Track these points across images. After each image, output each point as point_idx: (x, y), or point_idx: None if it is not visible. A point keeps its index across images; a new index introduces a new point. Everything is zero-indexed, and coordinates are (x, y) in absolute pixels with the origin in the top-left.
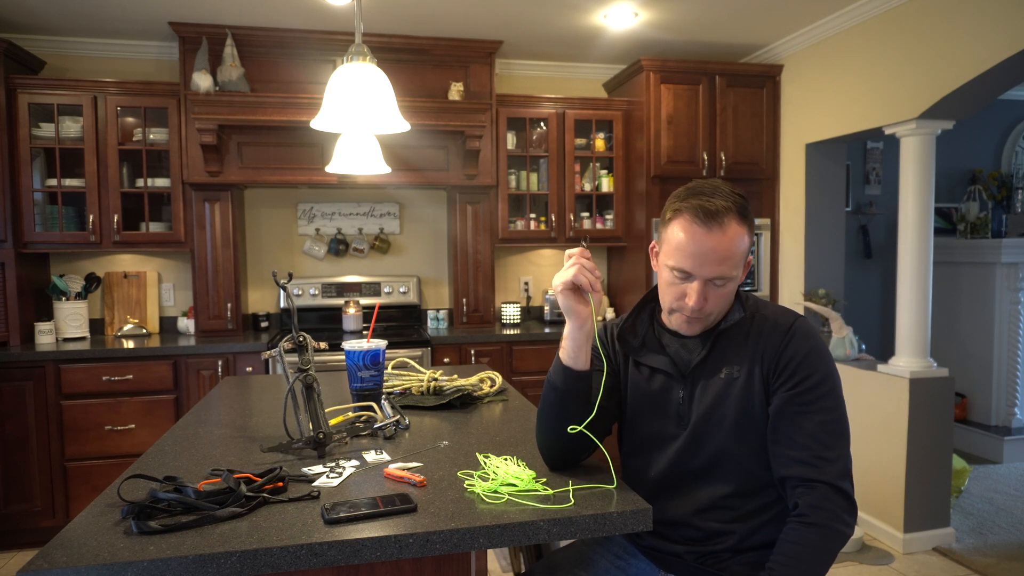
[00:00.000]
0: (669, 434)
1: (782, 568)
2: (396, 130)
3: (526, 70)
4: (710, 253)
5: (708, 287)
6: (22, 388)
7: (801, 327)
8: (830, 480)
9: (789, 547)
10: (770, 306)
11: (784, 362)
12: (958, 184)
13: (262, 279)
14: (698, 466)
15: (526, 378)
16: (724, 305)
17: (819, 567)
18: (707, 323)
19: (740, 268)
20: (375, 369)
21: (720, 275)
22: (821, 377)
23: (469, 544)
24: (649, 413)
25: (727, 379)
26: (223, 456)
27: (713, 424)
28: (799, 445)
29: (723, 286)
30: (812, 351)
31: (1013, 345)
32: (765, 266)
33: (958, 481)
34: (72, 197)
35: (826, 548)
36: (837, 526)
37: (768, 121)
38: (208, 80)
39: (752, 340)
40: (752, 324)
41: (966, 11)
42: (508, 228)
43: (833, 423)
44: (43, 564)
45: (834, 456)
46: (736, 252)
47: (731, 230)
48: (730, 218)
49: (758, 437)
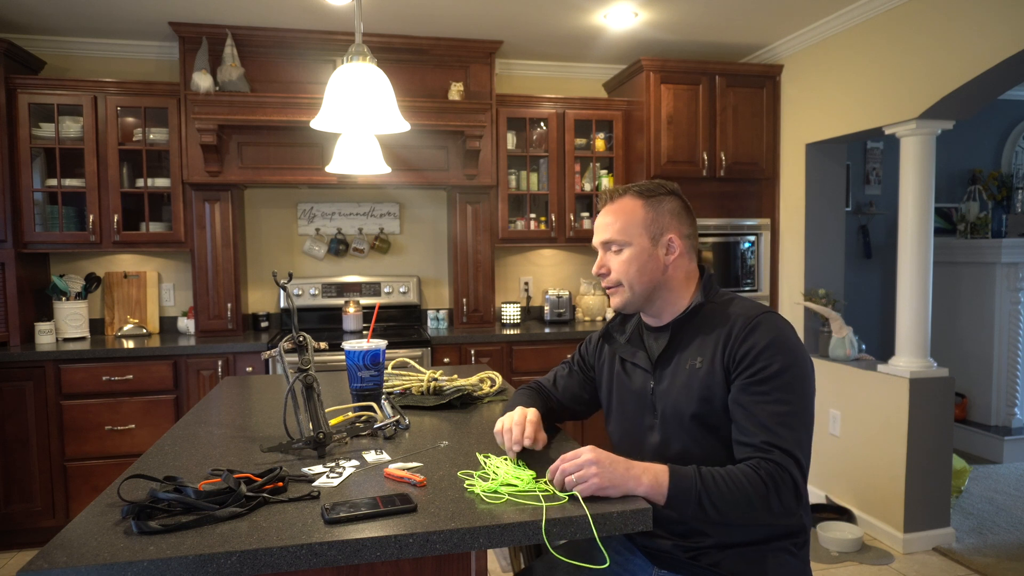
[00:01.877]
0: (646, 425)
1: (711, 476)
2: (396, 130)
3: (526, 70)
4: (599, 221)
5: (606, 255)
6: (22, 388)
7: (767, 319)
8: (779, 461)
9: (726, 470)
10: (744, 302)
11: (744, 351)
12: (958, 184)
13: (262, 279)
14: (672, 457)
15: (526, 378)
16: (634, 275)
17: (736, 502)
18: (627, 297)
19: (632, 235)
20: (375, 369)
21: (608, 238)
22: (780, 367)
23: (469, 544)
24: (632, 408)
25: (691, 370)
26: (223, 456)
27: (679, 415)
28: (751, 433)
29: (619, 252)
30: (774, 342)
31: (1013, 345)
32: (765, 266)
33: (958, 481)
34: (72, 197)
35: (751, 496)
36: (772, 494)
37: (768, 121)
38: (208, 80)
39: (716, 331)
40: (716, 316)
41: (966, 11)
42: (508, 228)
43: (788, 415)
44: (43, 564)
45: (786, 445)
46: (622, 217)
47: (620, 202)
48: (621, 196)
49: (722, 429)
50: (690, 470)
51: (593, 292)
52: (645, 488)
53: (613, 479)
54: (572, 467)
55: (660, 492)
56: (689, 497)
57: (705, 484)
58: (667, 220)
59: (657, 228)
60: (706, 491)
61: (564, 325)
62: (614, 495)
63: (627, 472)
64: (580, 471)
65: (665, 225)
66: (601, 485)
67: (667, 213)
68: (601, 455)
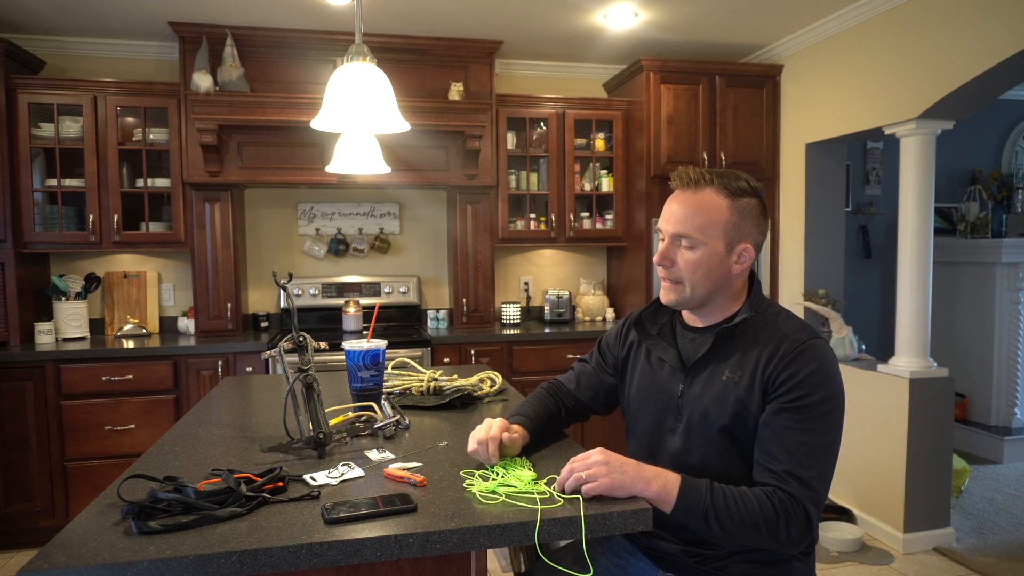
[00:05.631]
0: (667, 427)
1: (722, 493)
2: (396, 130)
3: (526, 70)
4: (677, 210)
5: (674, 247)
6: (22, 388)
7: (815, 345)
8: (795, 494)
9: (740, 491)
10: (792, 319)
11: (786, 376)
12: (958, 184)
13: (262, 279)
14: (692, 466)
15: (526, 378)
16: (699, 278)
17: (743, 525)
18: (684, 296)
19: (710, 236)
20: (375, 369)
21: (682, 232)
22: (820, 399)
23: (469, 544)
24: (654, 403)
25: (727, 382)
26: (223, 456)
27: (706, 425)
28: (775, 458)
29: (691, 249)
30: (818, 371)
31: (1013, 345)
32: (765, 266)
33: (958, 481)
34: (72, 197)
35: (760, 522)
36: (782, 524)
37: (768, 121)
38: (208, 80)
39: (760, 347)
40: (763, 331)
41: (966, 11)
42: (508, 228)
43: (816, 447)
44: (43, 564)
45: (808, 476)
46: (702, 212)
47: (703, 194)
48: (706, 186)
49: (749, 447)
50: (702, 483)
51: (593, 292)
52: (653, 493)
53: (623, 481)
54: (582, 466)
55: (668, 500)
56: (696, 511)
57: (715, 501)
58: (748, 227)
59: (736, 235)
60: (714, 508)
61: (564, 325)
62: (622, 496)
63: (637, 475)
64: (590, 471)
65: (745, 232)
66: (611, 485)
67: (749, 219)
68: (611, 456)
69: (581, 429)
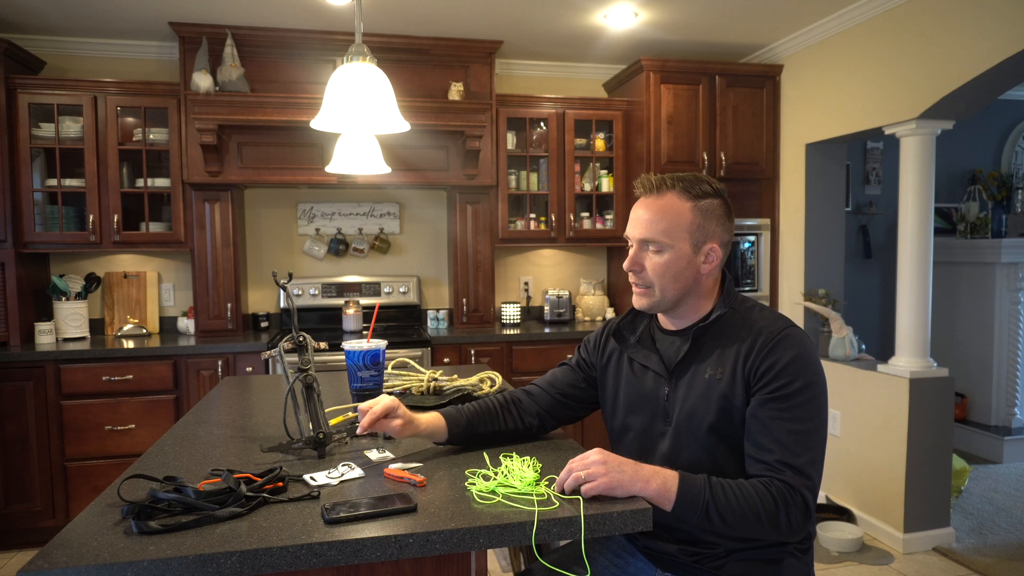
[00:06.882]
0: (657, 431)
1: (720, 487)
2: (396, 130)
3: (526, 70)
4: (642, 215)
5: (642, 253)
6: (22, 388)
7: (791, 334)
8: (791, 481)
9: (737, 483)
10: (766, 312)
11: (767, 366)
12: (958, 184)
13: (262, 279)
14: (682, 467)
15: (526, 378)
16: (668, 280)
17: (744, 516)
18: (655, 299)
19: (676, 238)
20: (375, 369)
21: (648, 236)
22: (801, 385)
23: (469, 544)
24: (643, 410)
25: (710, 380)
26: (223, 456)
27: (694, 425)
28: (766, 449)
29: (658, 253)
30: (797, 358)
31: (1013, 345)
32: (765, 266)
33: (958, 481)
34: (72, 197)
35: (760, 512)
36: (781, 512)
37: (768, 121)
38: (208, 80)
39: (738, 342)
40: (739, 326)
41: (966, 11)
42: (508, 228)
43: (805, 433)
44: (43, 564)
45: (801, 464)
46: (666, 216)
47: (666, 198)
48: (668, 190)
49: (738, 442)
50: (700, 478)
51: (593, 292)
52: (652, 491)
53: (621, 480)
54: (580, 466)
55: (668, 497)
56: (696, 505)
57: (714, 494)
58: (712, 227)
59: (702, 235)
60: (714, 501)
61: (564, 325)
62: (621, 495)
63: (636, 474)
64: (588, 470)
65: (710, 233)
66: (609, 485)
67: (713, 219)
68: (610, 456)
69: (581, 429)
